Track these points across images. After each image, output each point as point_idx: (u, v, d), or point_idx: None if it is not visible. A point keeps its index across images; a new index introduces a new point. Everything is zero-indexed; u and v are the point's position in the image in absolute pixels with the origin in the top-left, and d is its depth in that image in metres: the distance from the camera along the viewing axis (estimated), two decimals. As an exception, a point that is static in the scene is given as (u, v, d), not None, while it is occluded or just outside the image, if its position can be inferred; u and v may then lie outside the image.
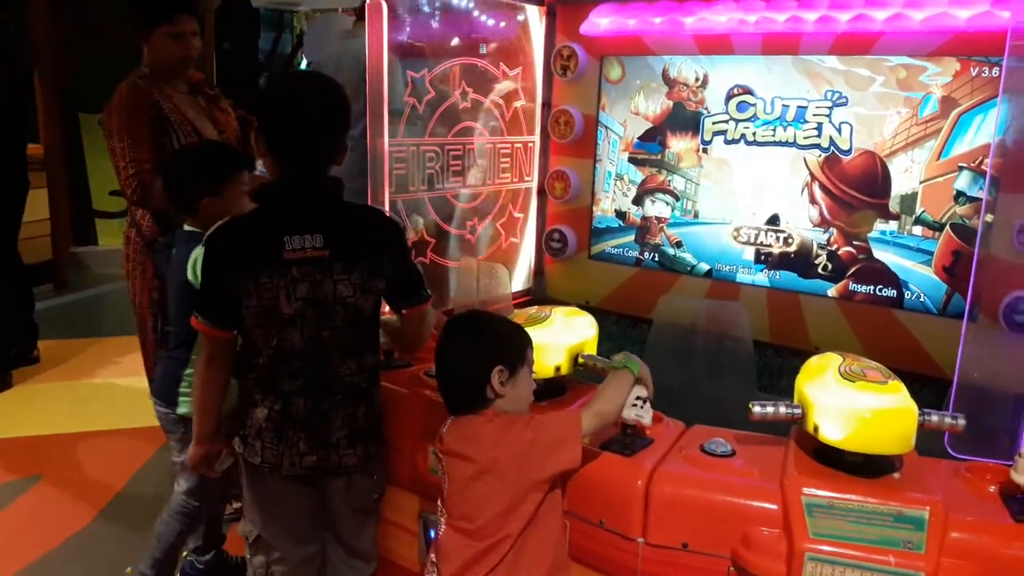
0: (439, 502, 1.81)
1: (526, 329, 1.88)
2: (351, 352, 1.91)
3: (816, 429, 1.77)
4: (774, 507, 1.72)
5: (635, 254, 3.57)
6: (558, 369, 2.05)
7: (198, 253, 2.28)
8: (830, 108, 3.02)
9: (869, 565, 1.59)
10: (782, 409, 1.82)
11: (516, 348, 1.78)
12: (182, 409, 2.36)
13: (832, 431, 1.72)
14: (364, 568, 2.07)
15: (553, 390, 2.12)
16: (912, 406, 1.71)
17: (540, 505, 1.72)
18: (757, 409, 1.83)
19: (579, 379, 2.16)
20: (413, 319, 2.01)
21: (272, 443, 1.88)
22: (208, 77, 7.67)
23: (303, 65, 8.15)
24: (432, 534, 1.87)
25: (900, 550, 1.59)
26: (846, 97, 2.98)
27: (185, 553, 2.67)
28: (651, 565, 1.80)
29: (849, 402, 1.71)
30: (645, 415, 1.87)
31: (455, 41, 3.28)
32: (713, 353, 2.34)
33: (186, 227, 2.42)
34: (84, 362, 4.94)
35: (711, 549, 1.76)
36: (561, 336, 2.06)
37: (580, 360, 2.09)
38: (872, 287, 3.05)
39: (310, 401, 1.87)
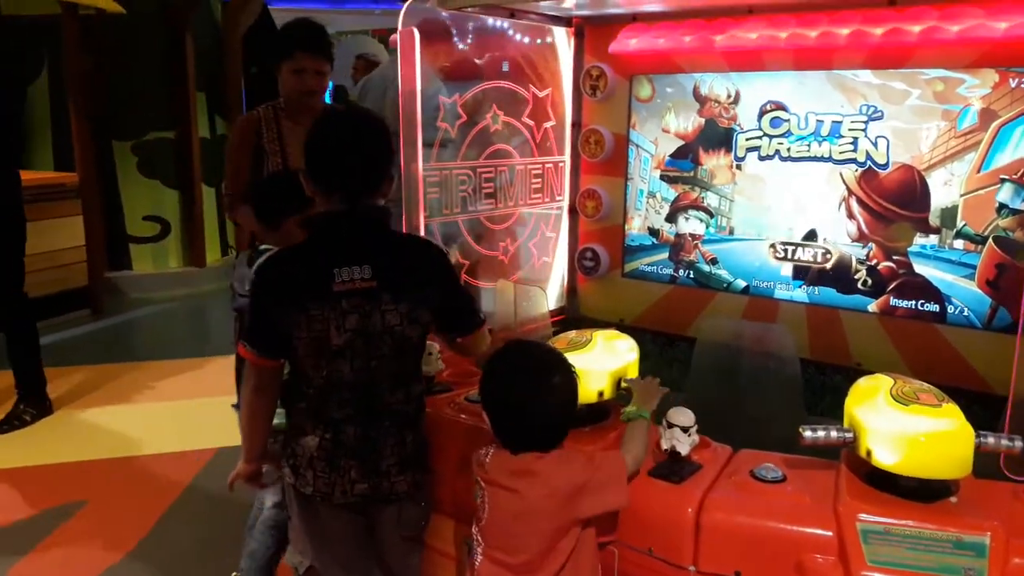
0: (475, 529, 1.80)
1: (570, 355, 1.88)
2: (399, 381, 1.93)
3: (869, 454, 1.74)
4: (828, 534, 1.70)
5: (669, 271, 3.55)
6: (601, 394, 2.04)
7: None
8: (866, 122, 3.00)
9: (930, 594, 1.56)
10: (833, 434, 1.80)
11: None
12: (276, 420, 2.40)
13: (886, 456, 1.70)
14: None
15: (596, 415, 2.10)
16: (969, 429, 1.68)
17: (577, 542, 1.71)
18: (808, 434, 1.80)
19: (622, 403, 2.14)
20: (468, 345, 2.05)
21: (324, 472, 1.90)
22: (236, 101, 7.84)
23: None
24: (472, 555, 1.85)
25: (961, 578, 1.56)
26: (881, 111, 2.95)
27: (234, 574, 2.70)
28: (702, 593, 1.78)
29: (903, 426, 1.68)
30: (683, 445, 1.86)
31: (485, 65, 3.30)
32: (758, 374, 2.32)
33: (262, 246, 2.46)
34: (122, 387, 5.00)
35: (764, 577, 1.73)
36: (603, 361, 2.05)
37: (623, 384, 2.08)
38: (914, 302, 3.01)
39: (359, 429, 1.89)
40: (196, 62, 7.31)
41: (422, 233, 2.90)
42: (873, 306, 3.11)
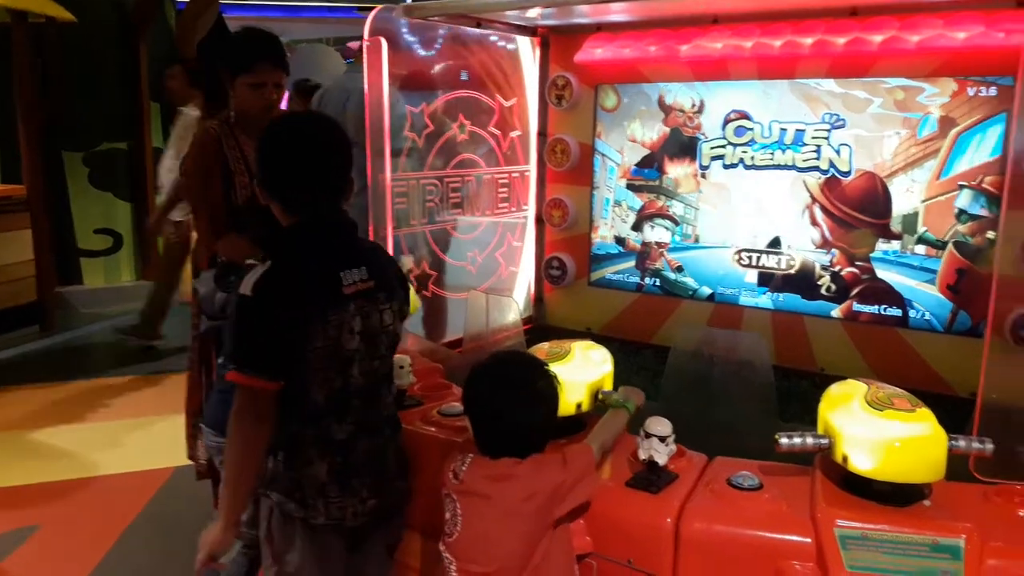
0: (442, 546, 1.77)
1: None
2: (389, 380, 1.96)
3: (845, 459, 1.75)
4: (807, 540, 1.70)
5: (636, 280, 3.56)
6: (579, 406, 2.02)
7: None
8: (828, 130, 3.04)
9: (909, 598, 1.57)
10: (809, 440, 1.81)
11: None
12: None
13: (862, 461, 1.71)
14: None
15: (573, 427, 2.09)
16: (942, 433, 1.70)
17: (550, 537, 1.71)
18: (784, 441, 1.81)
19: (599, 415, 2.13)
20: None
21: (337, 497, 1.82)
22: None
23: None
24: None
25: (939, 581, 1.57)
26: (844, 119, 3.00)
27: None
28: (682, 603, 1.77)
29: (879, 432, 1.69)
30: (661, 455, 1.86)
31: (451, 74, 3.28)
32: (732, 382, 2.33)
33: (222, 259, 2.40)
34: (75, 406, 4.84)
35: (744, 585, 1.73)
36: (581, 373, 2.04)
37: (600, 397, 2.07)
38: (876, 307, 3.06)
39: (367, 441, 1.85)
40: (150, 71, 7.17)
41: (390, 244, 2.86)
42: (837, 312, 3.15)
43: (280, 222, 1.83)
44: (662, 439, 1.85)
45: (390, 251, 2.84)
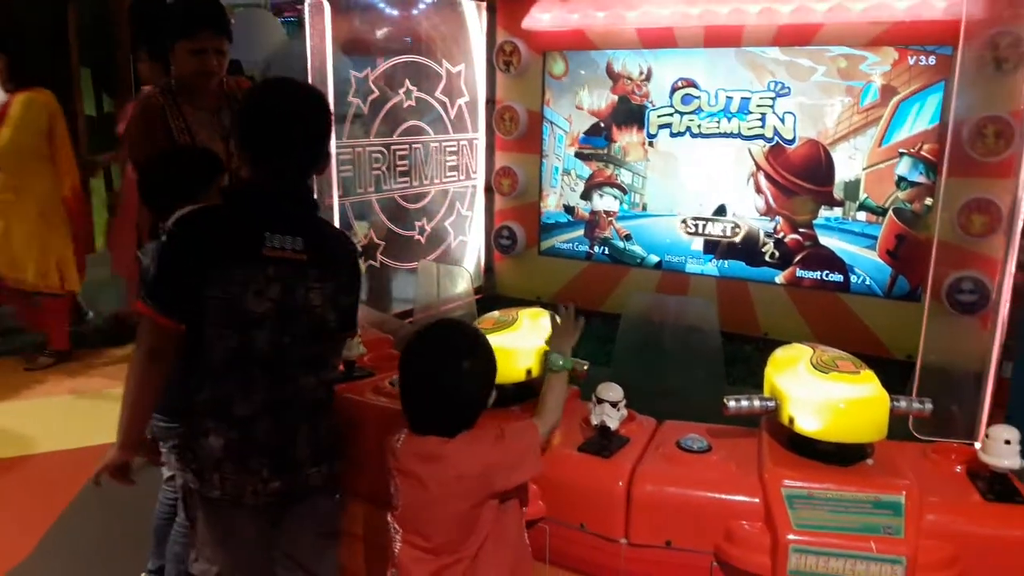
0: (390, 517, 1.75)
1: (496, 334, 1.85)
2: (312, 366, 1.83)
3: (791, 421, 1.78)
4: (755, 500, 1.73)
5: (585, 248, 3.57)
6: (529, 372, 2.02)
7: None
8: (773, 99, 3.07)
9: (852, 553, 1.61)
10: (756, 403, 1.83)
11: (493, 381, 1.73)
12: None
13: (808, 423, 1.74)
14: None
15: (524, 393, 2.08)
16: (885, 394, 1.74)
17: (498, 513, 1.69)
18: (732, 404, 1.83)
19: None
20: (342, 343, 2.01)
21: (233, 473, 1.76)
22: (126, 77, 7.44)
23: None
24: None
25: (881, 536, 1.62)
26: (789, 87, 3.03)
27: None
28: (634, 565, 1.79)
29: (824, 394, 1.72)
30: (612, 420, 1.87)
31: (396, 39, 3.21)
32: (681, 348, 2.36)
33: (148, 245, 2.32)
34: (9, 383, 4.67)
35: (694, 546, 1.76)
36: (529, 339, 2.02)
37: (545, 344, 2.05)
38: (819, 272, 3.12)
39: (271, 420, 1.77)
40: (80, 35, 6.87)
41: (336, 212, 2.81)
42: (780, 278, 3.21)
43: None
44: (613, 404, 1.86)
45: (336, 219, 2.79)
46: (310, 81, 2.68)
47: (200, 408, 1.77)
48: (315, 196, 1.86)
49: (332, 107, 2.70)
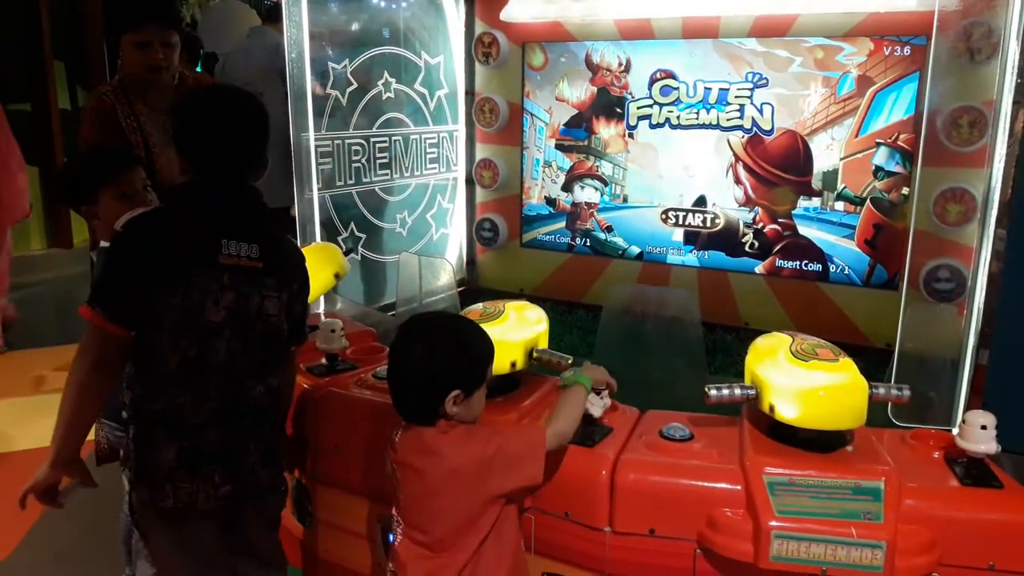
0: (394, 509, 1.76)
1: (481, 327, 1.85)
2: (262, 373, 1.80)
3: (772, 409, 1.80)
4: (737, 488, 1.75)
5: (567, 240, 3.58)
6: (513, 365, 2.02)
7: None
8: (751, 90, 3.09)
9: (833, 538, 1.63)
10: (737, 391, 1.85)
11: (477, 368, 1.67)
12: None
13: (789, 410, 1.76)
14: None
15: (507, 385, 2.09)
16: (863, 381, 1.76)
17: (498, 518, 1.69)
18: (713, 392, 1.85)
19: (533, 373, 2.14)
20: (295, 357, 1.97)
21: (186, 482, 1.72)
22: (98, 72, 7.34)
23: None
24: (391, 538, 1.82)
25: (861, 521, 1.64)
26: (766, 78, 3.05)
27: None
28: (618, 553, 1.80)
29: (804, 381, 1.74)
30: (595, 408, 1.88)
31: (374, 30, 3.20)
32: (662, 338, 2.37)
33: (104, 244, 2.29)
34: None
35: (677, 533, 1.77)
36: (515, 332, 2.03)
37: (535, 355, 2.07)
38: (798, 262, 3.15)
39: (221, 430, 1.74)
40: (53, 28, 6.77)
41: (315, 205, 2.80)
42: (760, 268, 3.23)
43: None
44: (597, 393, 1.87)
45: (316, 212, 2.78)
46: (288, 72, 2.67)
47: (152, 417, 1.71)
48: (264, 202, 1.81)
49: (310, 99, 2.73)
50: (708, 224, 3.28)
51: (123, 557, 2.52)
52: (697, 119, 3.23)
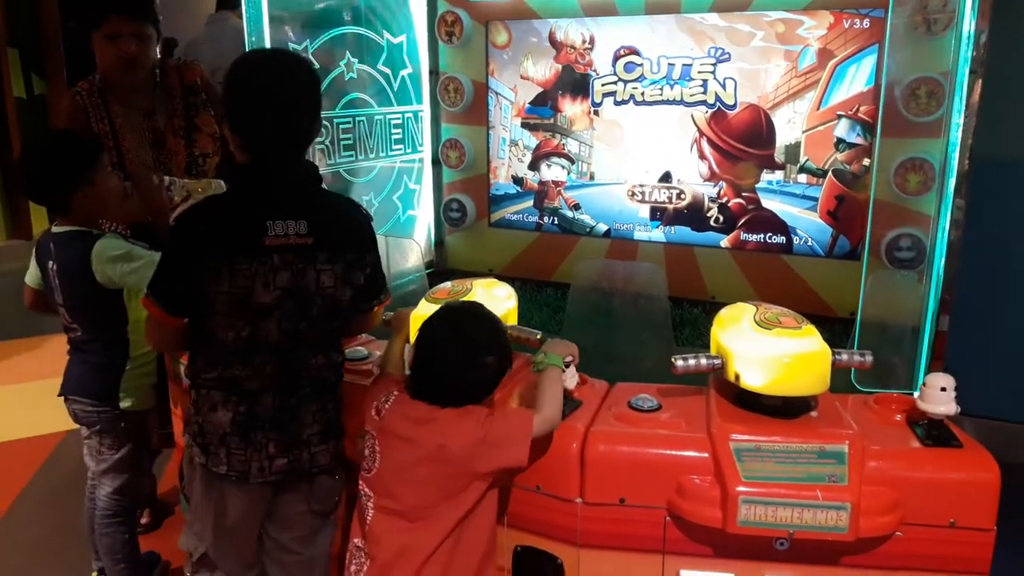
0: (362, 483, 1.77)
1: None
2: (322, 346, 1.82)
3: (737, 377, 1.83)
4: (705, 455, 1.77)
5: (535, 219, 3.58)
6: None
7: (102, 246, 2.16)
8: (714, 65, 3.11)
9: (799, 502, 1.66)
10: (703, 361, 1.87)
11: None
12: (125, 403, 2.28)
13: (754, 378, 1.79)
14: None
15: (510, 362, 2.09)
16: (826, 348, 1.79)
17: (482, 497, 1.71)
18: (680, 363, 1.87)
19: (517, 351, 2.14)
20: (365, 319, 1.95)
21: (239, 448, 1.74)
22: (55, 60, 7.17)
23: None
24: (367, 515, 1.82)
25: (826, 484, 1.67)
26: (729, 53, 3.07)
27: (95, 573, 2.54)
28: (590, 523, 1.83)
29: (768, 349, 1.77)
30: (568, 380, 1.89)
31: (335, 10, 3.16)
32: (630, 313, 2.39)
33: (56, 228, 2.26)
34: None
35: (647, 502, 1.80)
36: (483, 308, 2.04)
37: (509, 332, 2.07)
38: (762, 235, 3.19)
39: (278, 397, 1.76)
40: (6, 14, 6.61)
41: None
42: (725, 242, 3.26)
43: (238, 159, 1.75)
44: (566, 365, 1.88)
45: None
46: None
47: (209, 383, 1.77)
48: (319, 172, 1.82)
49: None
50: (674, 200, 3.30)
51: (91, 552, 2.51)
52: (661, 95, 3.24)
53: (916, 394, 1.86)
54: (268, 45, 2.66)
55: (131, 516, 2.45)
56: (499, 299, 2.12)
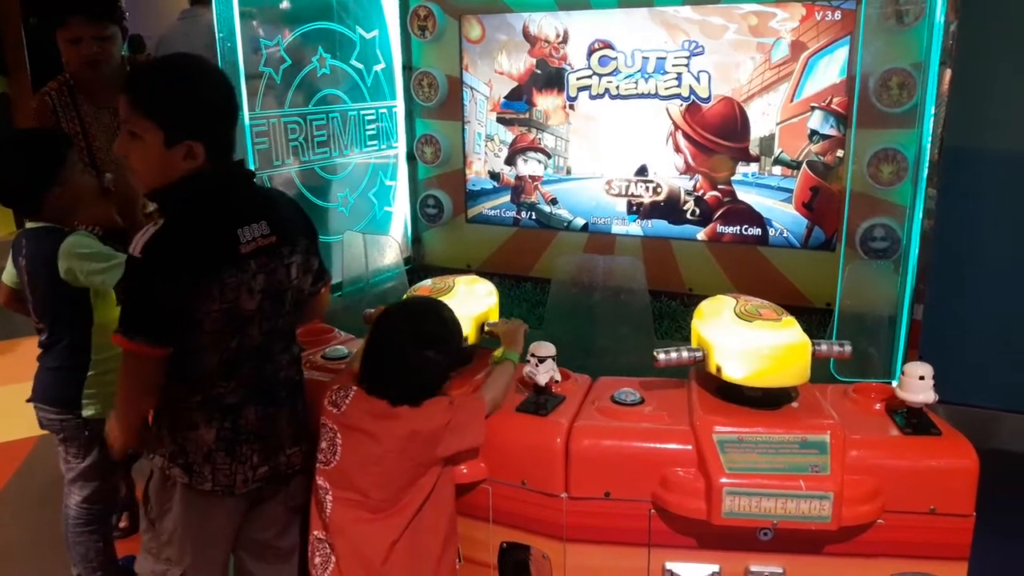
0: (319, 476, 1.78)
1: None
2: (287, 342, 1.84)
3: (719, 369, 1.84)
4: (688, 447, 1.79)
5: (512, 214, 3.57)
6: (465, 339, 2.03)
7: (71, 242, 2.12)
8: (688, 58, 3.11)
9: (782, 492, 1.68)
10: (685, 354, 1.89)
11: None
12: (88, 412, 2.24)
13: (735, 370, 1.80)
14: (294, 567, 1.97)
15: (461, 359, 2.09)
16: (806, 340, 1.81)
17: (438, 481, 1.75)
18: (662, 356, 1.88)
19: (486, 347, 2.14)
20: (321, 299, 1.98)
21: (224, 463, 1.74)
22: (17, 57, 7.03)
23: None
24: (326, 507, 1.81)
25: (808, 474, 1.69)
26: (702, 46, 3.07)
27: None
28: (575, 518, 1.84)
29: (749, 341, 1.79)
30: (541, 376, 1.90)
31: (307, 5, 3.12)
32: (610, 307, 2.40)
33: (30, 225, 2.22)
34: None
35: (632, 495, 1.81)
36: (466, 307, 2.03)
37: (486, 328, 2.08)
38: (738, 227, 3.20)
39: (259, 407, 1.76)
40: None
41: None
42: (701, 235, 3.28)
43: (165, 175, 1.65)
44: (541, 361, 1.89)
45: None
46: (219, 51, 2.59)
47: (188, 405, 1.72)
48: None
49: (244, 78, 2.66)
50: (650, 193, 3.30)
51: (69, 557, 2.47)
52: (636, 89, 3.24)
53: (895, 383, 1.88)
54: (239, 41, 2.62)
55: (104, 523, 2.42)
56: (480, 296, 2.12)
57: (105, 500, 2.38)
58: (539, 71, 3.38)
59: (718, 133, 3.14)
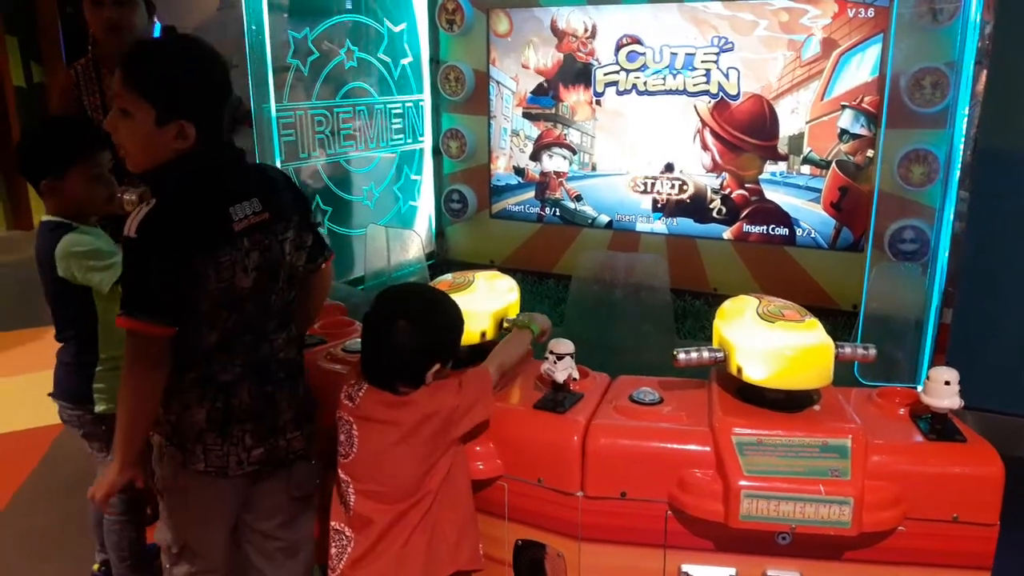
0: (340, 470, 1.78)
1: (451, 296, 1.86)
2: (283, 319, 1.82)
3: (739, 370, 1.81)
4: (707, 449, 1.76)
5: (536, 210, 3.56)
6: (483, 335, 2.02)
7: (68, 240, 2.12)
8: (717, 54, 3.08)
9: (802, 496, 1.65)
10: (705, 354, 1.86)
11: (456, 341, 1.80)
12: (100, 407, 2.22)
13: (756, 371, 1.77)
14: (301, 564, 1.96)
15: (478, 355, 2.08)
16: (829, 341, 1.78)
17: (453, 459, 1.75)
18: (682, 356, 1.86)
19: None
20: (326, 273, 1.96)
21: (216, 444, 1.73)
22: (53, 44, 7.13)
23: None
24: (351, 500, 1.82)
25: (828, 479, 1.66)
26: (732, 42, 3.04)
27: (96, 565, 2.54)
28: (591, 517, 1.82)
29: (771, 342, 1.76)
30: (559, 373, 1.88)
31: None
32: (632, 305, 2.38)
33: (44, 218, 2.23)
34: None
35: (649, 495, 1.79)
36: (485, 302, 2.02)
37: (505, 325, 2.07)
38: (765, 227, 3.17)
39: (254, 386, 1.75)
40: (3, 3, 6.58)
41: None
42: (727, 233, 3.25)
43: (154, 154, 1.64)
44: (559, 357, 1.87)
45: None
46: (247, 42, 2.61)
47: (181, 382, 1.72)
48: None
49: (271, 70, 2.67)
50: (676, 191, 3.28)
51: (95, 543, 2.50)
52: (664, 85, 3.22)
53: (920, 388, 1.84)
54: (267, 34, 2.64)
55: (138, 512, 2.43)
56: (502, 292, 2.11)
57: (135, 490, 2.40)
58: (566, 66, 3.37)
59: (746, 131, 3.11)
